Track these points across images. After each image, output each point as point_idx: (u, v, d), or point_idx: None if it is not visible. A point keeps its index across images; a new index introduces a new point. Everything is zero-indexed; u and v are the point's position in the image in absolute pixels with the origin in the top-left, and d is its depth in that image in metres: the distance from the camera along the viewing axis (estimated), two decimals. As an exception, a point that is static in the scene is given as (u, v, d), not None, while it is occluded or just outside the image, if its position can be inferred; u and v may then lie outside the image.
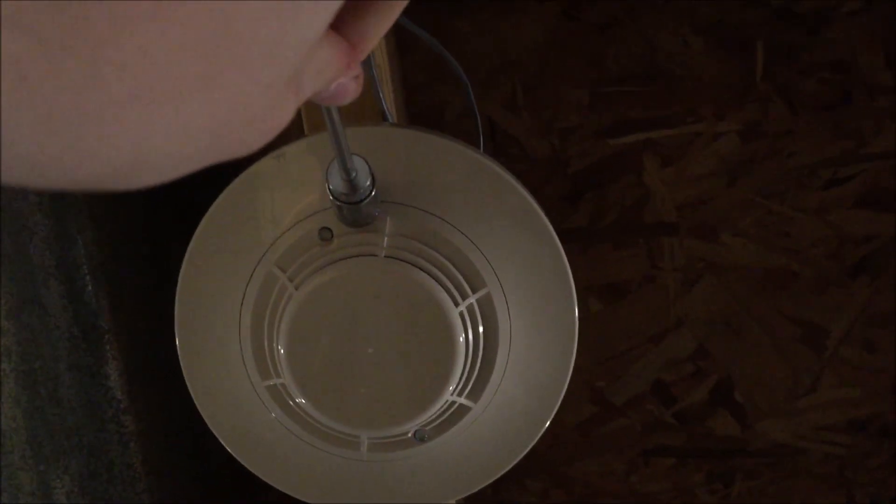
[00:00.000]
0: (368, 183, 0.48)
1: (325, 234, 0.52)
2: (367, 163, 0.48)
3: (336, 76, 0.25)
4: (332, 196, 0.48)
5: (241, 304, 0.55)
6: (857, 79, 1.08)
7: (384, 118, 0.61)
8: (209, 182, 0.58)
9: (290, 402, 0.55)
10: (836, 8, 1.06)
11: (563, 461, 1.23)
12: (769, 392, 1.18)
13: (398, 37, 1.08)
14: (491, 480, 0.59)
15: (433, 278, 0.51)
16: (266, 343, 0.54)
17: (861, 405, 1.17)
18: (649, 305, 1.17)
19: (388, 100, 0.65)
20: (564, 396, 0.59)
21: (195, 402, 0.59)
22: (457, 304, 0.51)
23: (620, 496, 1.23)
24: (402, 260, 0.51)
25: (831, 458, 1.19)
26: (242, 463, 0.60)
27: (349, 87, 0.27)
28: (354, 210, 0.50)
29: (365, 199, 0.49)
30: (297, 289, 0.51)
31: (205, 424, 0.60)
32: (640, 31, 1.10)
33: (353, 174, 0.47)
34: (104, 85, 0.17)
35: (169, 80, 0.17)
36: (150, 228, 0.94)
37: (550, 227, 0.56)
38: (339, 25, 0.24)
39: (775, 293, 1.15)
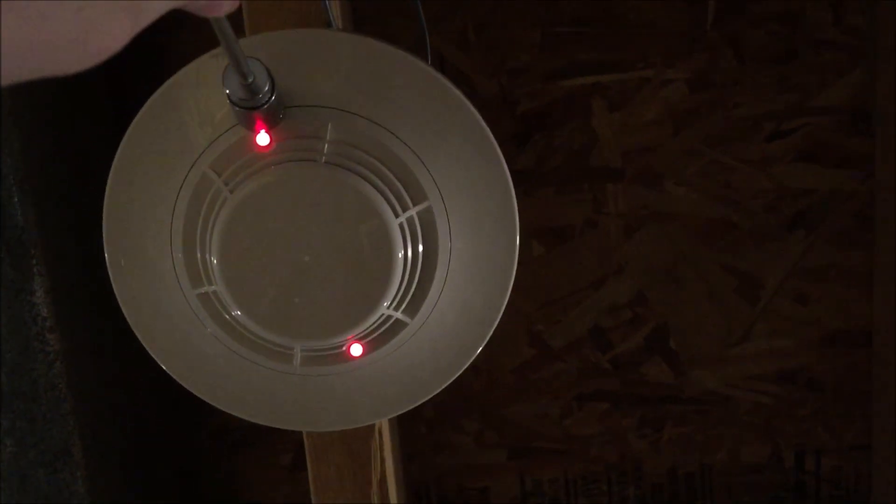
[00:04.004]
0: (267, 88, 0.46)
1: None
2: (265, 66, 0.46)
3: None
4: (231, 101, 0.47)
5: (173, 210, 0.53)
6: (805, 33, 1.08)
7: (329, 26, 0.59)
8: (142, 85, 0.55)
9: (223, 312, 0.53)
10: (789, -41, 1.06)
11: (499, 403, 1.23)
12: (703, 340, 1.20)
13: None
14: (422, 401, 0.59)
15: (374, 187, 0.50)
16: (199, 250, 0.52)
17: (791, 356, 1.20)
18: (591, 251, 1.17)
19: (336, 12, 0.63)
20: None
21: (124, 313, 0.57)
22: (397, 216, 0.50)
23: (554, 439, 1.25)
24: (342, 167, 0.49)
25: (760, 407, 1.22)
26: (173, 376, 0.58)
27: (221, 2, 0.25)
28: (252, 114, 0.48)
29: (264, 104, 0.47)
30: (231, 193, 0.49)
31: (137, 344, 0.58)
32: (594, -27, 1.09)
33: (251, 78, 0.45)
34: None
35: None
36: (80, 139, 0.90)
37: (498, 149, 0.55)
38: None
39: (714, 243, 1.16)
